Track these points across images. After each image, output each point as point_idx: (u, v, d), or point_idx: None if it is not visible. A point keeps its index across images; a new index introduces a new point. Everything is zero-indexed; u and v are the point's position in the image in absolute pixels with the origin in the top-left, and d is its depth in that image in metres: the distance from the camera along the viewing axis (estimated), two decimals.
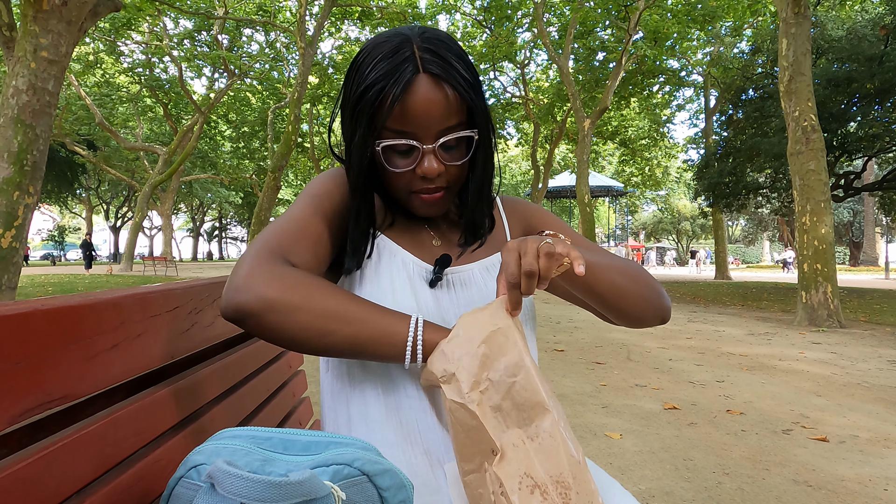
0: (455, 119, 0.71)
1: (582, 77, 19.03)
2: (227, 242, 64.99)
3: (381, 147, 0.71)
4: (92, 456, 0.51)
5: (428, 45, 0.69)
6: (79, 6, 5.19)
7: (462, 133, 0.72)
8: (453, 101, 0.70)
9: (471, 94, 0.71)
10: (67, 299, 0.52)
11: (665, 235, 55.28)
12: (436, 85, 0.69)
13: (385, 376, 0.71)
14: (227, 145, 30.27)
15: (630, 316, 0.77)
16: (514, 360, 0.60)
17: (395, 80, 0.67)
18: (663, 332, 6.33)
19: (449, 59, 0.69)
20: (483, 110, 0.74)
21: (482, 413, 0.59)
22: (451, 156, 0.73)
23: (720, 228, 20.44)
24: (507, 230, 0.89)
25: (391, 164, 0.72)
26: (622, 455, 2.44)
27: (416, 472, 0.68)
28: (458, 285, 0.78)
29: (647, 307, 0.77)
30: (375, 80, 0.68)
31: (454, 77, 0.69)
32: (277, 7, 19.79)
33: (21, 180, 5.05)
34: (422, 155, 0.71)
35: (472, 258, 0.82)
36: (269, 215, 15.01)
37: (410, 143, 0.70)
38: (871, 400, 3.41)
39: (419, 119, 0.69)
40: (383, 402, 0.71)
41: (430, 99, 0.68)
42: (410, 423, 0.70)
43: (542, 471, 0.57)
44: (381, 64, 0.68)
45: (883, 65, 10.31)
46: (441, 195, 0.75)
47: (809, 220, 6.98)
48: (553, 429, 0.59)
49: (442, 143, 0.71)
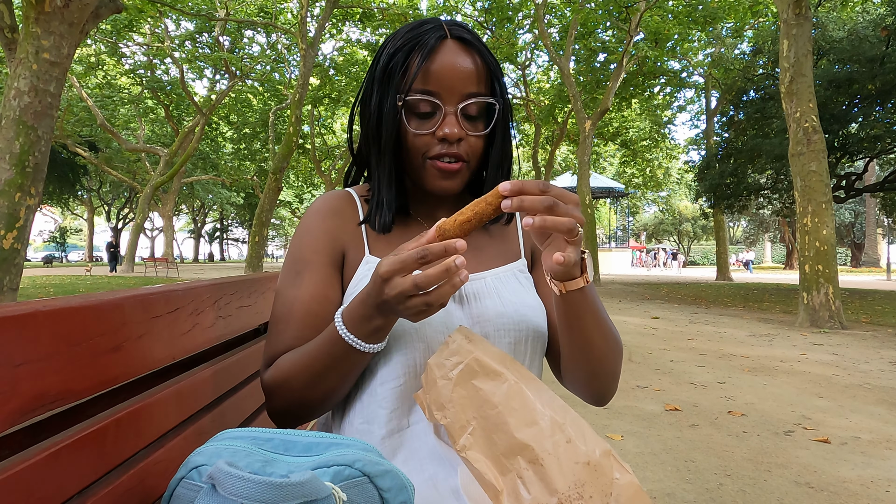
0: (480, 87, 0.72)
1: (583, 78, 19.02)
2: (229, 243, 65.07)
3: (403, 103, 0.71)
4: (93, 457, 0.51)
5: (455, 22, 0.73)
6: (80, 8, 5.20)
7: (486, 100, 0.72)
8: (481, 68, 0.72)
9: (496, 68, 0.74)
10: (69, 300, 0.52)
11: (666, 237, 55.24)
12: (463, 49, 0.71)
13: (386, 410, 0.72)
14: (228, 147, 30.30)
15: (593, 370, 0.72)
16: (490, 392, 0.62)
17: (422, 43, 0.70)
18: (665, 334, 6.32)
19: (476, 36, 0.73)
20: (504, 91, 0.76)
21: (474, 459, 0.60)
22: (471, 125, 0.73)
23: (721, 230, 20.42)
24: (521, 240, 0.87)
25: (413, 126, 0.73)
26: (623, 456, 2.44)
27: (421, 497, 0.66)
28: (472, 298, 0.76)
29: (611, 372, 0.73)
30: (403, 44, 0.71)
31: (482, 47, 0.73)
32: (279, 9, 19.81)
33: (23, 182, 5.06)
34: (444, 116, 0.71)
35: (484, 265, 0.80)
36: (270, 216, 15.03)
37: (434, 100, 0.71)
38: (873, 401, 3.40)
39: (444, 79, 0.70)
40: (387, 441, 0.71)
41: (457, 61, 0.70)
42: (414, 452, 0.70)
43: (552, 492, 0.56)
44: (410, 34, 0.71)
45: (884, 66, 10.31)
46: (458, 167, 0.74)
47: (811, 221, 6.98)
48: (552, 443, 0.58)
49: (464, 110, 0.71)
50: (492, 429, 0.60)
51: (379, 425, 0.71)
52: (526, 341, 0.75)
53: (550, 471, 0.56)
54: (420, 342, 0.71)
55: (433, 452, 0.70)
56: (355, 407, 0.73)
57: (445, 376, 0.64)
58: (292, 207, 43.92)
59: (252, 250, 14.91)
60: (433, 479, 0.67)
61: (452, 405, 0.62)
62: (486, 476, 0.59)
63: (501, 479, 0.58)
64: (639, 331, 6.58)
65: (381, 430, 0.71)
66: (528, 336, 0.75)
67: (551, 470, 0.56)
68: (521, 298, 0.77)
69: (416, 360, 0.71)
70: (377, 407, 0.71)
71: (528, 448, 0.58)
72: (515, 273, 0.81)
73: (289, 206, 43.82)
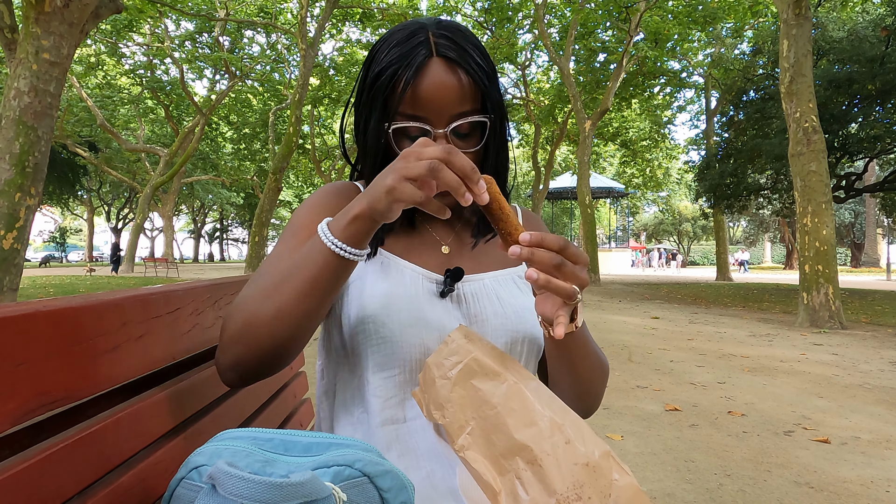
0: (468, 105, 0.70)
1: (583, 78, 19.03)
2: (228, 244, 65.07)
3: (392, 130, 0.70)
4: (93, 457, 0.51)
5: (443, 31, 0.70)
6: (80, 8, 5.21)
7: (475, 118, 0.71)
8: (467, 87, 0.69)
9: (485, 81, 0.71)
10: (69, 301, 0.52)
11: (666, 237, 55.26)
12: (449, 69, 0.69)
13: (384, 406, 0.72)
14: (228, 147, 30.31)
15: (578, 393, 0.74)
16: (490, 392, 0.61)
17: (407, 64, 0.67)
18: (664, 334, 6.32)
19: (464, 45, 0.70)
20: (497, 99, 0.73)
21: (473, 459, 0.60)
22: (464, 143, 0.72)
23: (721, 230, 20.43)
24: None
25: (402, 150, 0.71)
26: (623, 456, 2.44)
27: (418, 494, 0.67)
28: (471, 299, 0.76)
29: (596, 394, 0.76)
30: (389, 63, 0.68)
31: (468, 62, 0.69)
32: (278, 9, 19.82)
33: (23, 182, 5.06)
34: (434, 140, 0.69)
35: (483, 267, 0.80)
36: (270, 216, 15.03)
37: (422, 126, 0.69)
38: (873, 401, 3.40)
39: (431, 103, 0.68)
40: (381, 431, 0.71)
41: (443, 82, 0.68)
42: (412, 449, 0.70)
43: (551, 494, 0.56)
44: (396, 49, 0.69)
45: (884, 66, 10.32)
46: None
47: (811, 221, 6.98)
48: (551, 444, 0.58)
49: (454, 129, 0.70)
50: (490, 429, 0.60)
51: (374, 414, 0.71)
52: (522, 342, 0.76)
53: (549, 472, 0.56)
54: (415, 338, 0.71)
55: (431, 450, 0.70)
56: (354, 397, 0.74)
57: (444, 376, 0.64)
58: (292, 207, 43.94)
59: (252, 250, 14.91)
60: (431, 477, 0.67)
61: (451, 405, 0.62)
62: (484, 476, 0.59)
63: (500, 479, 0.59)
64: (639, 331, 6.58)
65: (375, 419, 0.71)
66: (524, 338, 0.76)
67: (550, 471, 0.56)
68: (519, 301, 0.78)
69: (412, 355, 0.71)
70: (371, 396, 0.72)
71: (526, 449, 0.58)
72: (514, 278, 0.82)
73: (289, 206, 43.85)
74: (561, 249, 0.57)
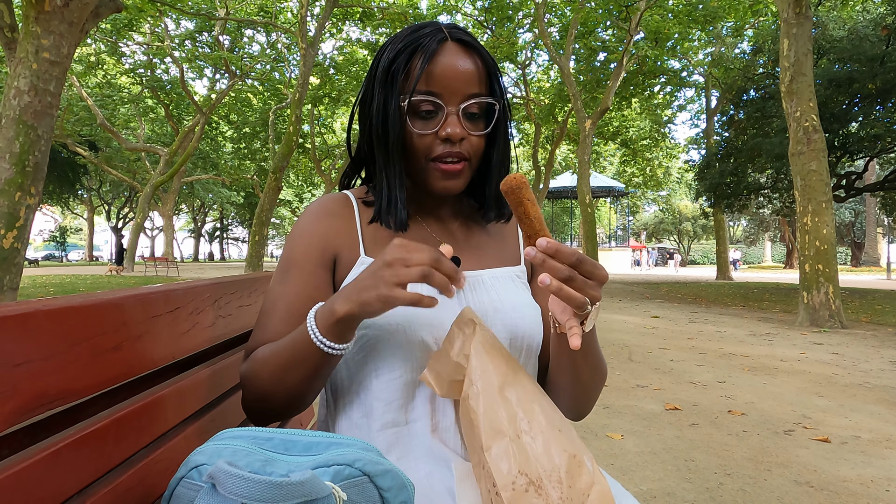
0: (480, 88, 0.74)
1: (583, 77, 19.01)
2: (229, 243, 65.08)
3: (406, 103, 0.73)
4: (93, 456, 0.51)
5: (453, 26, 0.75)
6: (80, 7, 5.20)
7: (486, 99, 0.74)
8: (481, 70, 0.74)
9: (495, 70, 0.76)
10: (69, 300, 0.52)
11: (666, 236, 55.25)
12: (464, 51, 0.73)
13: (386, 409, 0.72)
14: (228, 146, 30.29)
15: (576, 397, 0.77)
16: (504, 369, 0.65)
17: (424, 46, 0.72)
18: (665, 333, 6.33)
19: (474, 38, 0.75)
20: (503, 92, 0.78)
21: (476, 408, 0.62)
22: (473, 125, 0.75)
23: (721, 229, 20.42)
24: (522, 246, 0.88)
25: (416, 127, 0.74)
26: (623, 456, 2.44)
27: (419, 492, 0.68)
28: (470, 294, 0.77)
29: (593, 398, 0.79)
30: (405, 46, 0.73)
31: (481, 49, 0.74)
32: (279, 8, 19.80)
33: (23, 181, 5.06)
34: (446, 116, 0.73)
35: (483, 264, 0.81)
36: (270, 216, 15.02)
37: (436, 101, 0.72)
38: (873, 401, 3.40)
39: (446, 81, 0.72)
40: (381, 435, 0.71)
41: (458, 63, 0.72)
42: (411, 450, 0.71)
43: (536, 466, 0.58)
44: (410, 37, 0.73)
45: (884, 65, 10.30)
46: (461, 167, 0.75)
47: (811, 220, 6.98)
48: (546, 423, 0.62)
49: (465, 110, 0.73)
50: (492, 395, 0.63)
51: (375, 418, 0.71)
52: (522, 339, 0.76)
53: (540, 446, 0.60)
54: (414, 336, 0.71)
55: (430, 452, 0.70)
56: (354, 402, 0.74)
57: (457, 347, 0.67)
58: (292, 207, 43.92)
59: (252, 250, 14.91)
60: (429, 479, 0.67)
61: (469, 363, 0.65)
62: (478, 429, 0.61)
63: (495, 437, 0.60)
64: (639, 330, 6.58)
65: (376, 423, 0.71)
66: (522, 335, 0.76)
67: (541, 446, 0.60)
68: (519, 299, 0.79)
69: (414, 354, 0.71)
70: (373, 399, 0.72)
71: (523, 420, 0.61)
72: (513, 277, 0.82)
73: (289, 206, 43.82)
74: (575, 264, 0.58)
